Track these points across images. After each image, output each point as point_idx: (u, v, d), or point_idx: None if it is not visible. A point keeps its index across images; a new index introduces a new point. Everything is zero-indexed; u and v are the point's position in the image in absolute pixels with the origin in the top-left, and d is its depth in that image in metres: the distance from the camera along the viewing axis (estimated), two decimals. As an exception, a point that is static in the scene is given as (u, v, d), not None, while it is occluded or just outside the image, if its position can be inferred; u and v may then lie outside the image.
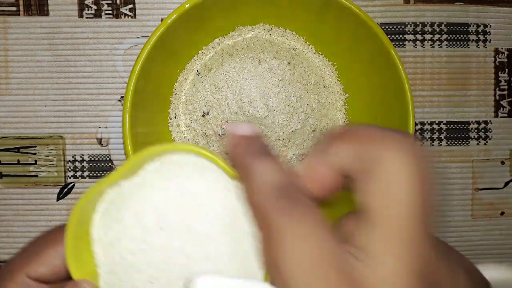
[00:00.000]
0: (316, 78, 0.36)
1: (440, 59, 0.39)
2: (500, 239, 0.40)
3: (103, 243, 0.24)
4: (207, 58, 0.35)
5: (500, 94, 0.40)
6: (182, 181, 0.23)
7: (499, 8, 0.39)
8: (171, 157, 0.24)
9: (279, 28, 0.36)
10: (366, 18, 0.32)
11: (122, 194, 0.24)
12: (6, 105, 0.36)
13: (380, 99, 0.35)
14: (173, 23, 0.30)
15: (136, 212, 0.23)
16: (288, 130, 0.35)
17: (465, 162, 0.40)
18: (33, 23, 0.36)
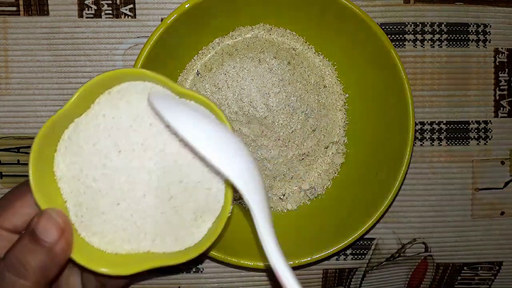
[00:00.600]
0: (316, 78, 0.36)
1: (440, 59, 0.39)
2: (500, 239, 0.40)
3: (67, 178, 0.25)
4: (207, 58, 0.35)
5: (500, 94, 0.40)
6: (131, 106, 0.25)
7: (499, 8, 0.39)
8: (118, 87, 0.26)
9: (279, 28, 0.36)
10: (366, 18, 0.32)
11: (78, 130, 0.25)
12: (6, 105, 0.36)
13: (380, 99, 0.35)
14: (173, 23, 0.30)
15: (94, 142, 0.25)
16: (288, 130, 0.35)
17: (465, 162, 0.40)
18: (33, 23, 0.36)
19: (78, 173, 0.25)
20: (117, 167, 0.25)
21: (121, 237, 0.26)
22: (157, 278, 0.38)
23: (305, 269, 0.39)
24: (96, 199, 0.25)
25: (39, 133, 0.24)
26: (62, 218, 0.24)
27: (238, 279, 0.38)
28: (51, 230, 0.23)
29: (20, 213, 0.26)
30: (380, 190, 0.34)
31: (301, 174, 0.37)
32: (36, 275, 0.23)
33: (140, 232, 0.26)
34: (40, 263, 0.23)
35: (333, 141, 0.37)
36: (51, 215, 0.23)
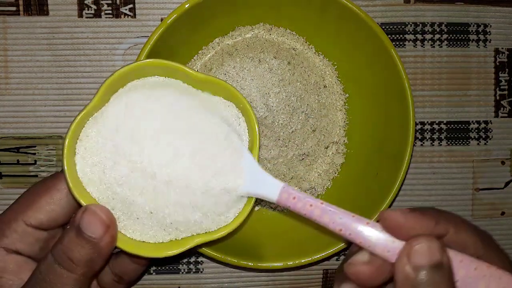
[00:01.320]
0: (316, 78, 0.36)
1: (440, 59, 0.39)
2: (500, 239, 0.40)
3: (93, 182, 0.25)
4: (207, 58, 0.35)
5: (500, 94, 0.40)
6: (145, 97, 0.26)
7: (499, 8, 0.39)
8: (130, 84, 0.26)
9: (279, 28, 0.36)
10: (366, 18, 0.32)
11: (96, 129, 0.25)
12: (6, 105, 0.36)
13: (381, 99, 0.35)
14: (173, 23, 0.30)
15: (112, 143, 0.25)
16: (288, 130, 0.35)
17: (466, 162, 0.40)
18: (32, 23, 0.36)
19: (101, 175, 0.26)
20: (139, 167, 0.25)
21: (162, 235, 0.26)
22: (157, 278, 0.38)
23: (305, 269, 0.39)
24: (127, 205, 0.26)
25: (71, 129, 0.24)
26: (106, 214, 0.24)
27: (238, 279, 0.38)
28: (96, 225, 0.24)
29: (46, 209, 0.26)
30: (380, 190, 0.33)
31: (301, 174, 0.37)
32: (83, 268, 0.24)
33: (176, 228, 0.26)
34: (87, 256, 0.24)
35: (333, 141, 0.37)
36: (96, 211, 0.24)
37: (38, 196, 0.26)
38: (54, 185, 0.26)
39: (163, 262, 0.38)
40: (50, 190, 0.26)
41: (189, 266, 0.38)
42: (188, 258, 0.38)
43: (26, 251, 0.26)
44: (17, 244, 0.26)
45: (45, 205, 0.26)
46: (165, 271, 0.38)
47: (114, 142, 0.25)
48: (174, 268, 0.38)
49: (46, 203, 0.26)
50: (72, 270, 0.24)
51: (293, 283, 0.39)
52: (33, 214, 0.26)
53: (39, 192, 0.26)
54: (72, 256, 0.23)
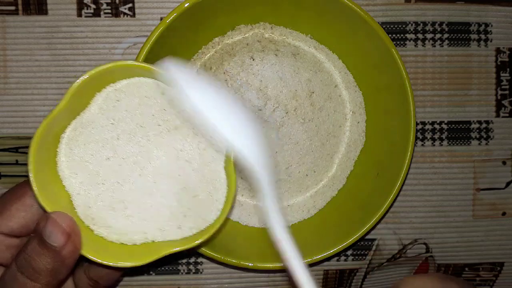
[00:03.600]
0: (316, 78, 0.36)
1: (441, 59, 0.39)
2: (501, 239, 0.40)
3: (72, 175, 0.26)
4: (206, 58, 0.35)
5: (501, 94, 0.39)
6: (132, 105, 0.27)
7: (500, 7, 0.39)
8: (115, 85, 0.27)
9: (279, 26, 0.36)
10: (367, 17, 0.31)
11: (80, 128, 0.26)
12: (5, 105, 0.36)
13: (381, 99, 0.35)
14: (172, 22, 0.30)
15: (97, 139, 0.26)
16: (289, 129, 0.35)
17: (467, 162, 0.39)
18: (31, 22, 0.35)
19: (83, 168, 0.26)
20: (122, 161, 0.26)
21: (131, 229, 0.26)
22: (156, 279, 0.38)
23: (305, 269, 0.39)
24: (104, 194, 0.26)
25: (36, 135, 0.24)
26: (67, 222, 0.24)
27: (237, 279, 0.38)
28: (57, 235, 0.23)
29: (17, 216, 0.26)
30: (381, 191, 0.33)
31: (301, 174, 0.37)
32: (46, 277, 0.23)
33: (148, 222, 0.26)
34: (49, 265, 0.23)
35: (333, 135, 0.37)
36: (56, 220, 0.23)
37: (9, 204, 0.26)
38: (25, 192, 0.26)
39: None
40: (20, 197, 0.26)
41: (188, 267, 0.38)
42: (189, 258, 0.38)
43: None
44: None
45: (15, 212, 0.25)
46: (165, 272, 0.38)
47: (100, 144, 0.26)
48: (173, 269, 0.38)
49: (17, 210, 0.25)
50: (35, 280, 0.23)
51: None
52: (3, 222, 0.25)
53: (10, 199, 0.26)
54: (34, 265, 0.23)
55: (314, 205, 0.37)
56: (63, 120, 0.26)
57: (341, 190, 0.37)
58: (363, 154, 0.37)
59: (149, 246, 0.27)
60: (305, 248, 0.34)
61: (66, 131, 0.26)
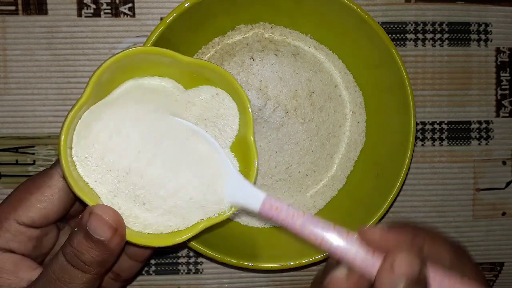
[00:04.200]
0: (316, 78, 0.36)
1: (441, 59, 0.39)
2: (501, 239, 0.40)
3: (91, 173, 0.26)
4: (206, 58, 0.35)
5: (501, 94, 0.39)
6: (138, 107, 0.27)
7: (500, 7, 0.39)
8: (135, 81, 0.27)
9: (279, 26, 0.36)
10: (367, 17, 0.31)
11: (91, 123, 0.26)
12: (5, 105, 0.36)
13: (381, 99, 0.35)
14: (172, 22, 0.30)
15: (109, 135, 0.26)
16: (289, 128, 0.35)
17: (466, 162, 0.39)
18: (31, 22, 0.35)
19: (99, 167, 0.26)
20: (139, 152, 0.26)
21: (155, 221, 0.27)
22: (156, 278, 0.38)
23: (305, 269, 0.39)
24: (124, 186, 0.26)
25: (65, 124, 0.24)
26: (112, 216, 0.24)
27: (237, 279, 0.38)
28: (104, 229, 0.24)
29: (37, 207, 0.26)
30: (381, 191, 0.33)
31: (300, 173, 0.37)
32: (95, 268, 0.24)
33: (174, 213, 0.27)
34: (99, 258, 0.24)
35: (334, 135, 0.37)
36: (102, 216, 0.24)
37: (29, 194, 0.26)
38: (44, 182, 0.26)
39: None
40: (40, 187, 0.26)
41: (188, 267, 0.38)
42: (188, 254, 0.38)
43: (20, 249, 0.26)
44: (11, 243, 0.26)
45: (36, 202, 0.26)
46: (165, 272, 0.38)
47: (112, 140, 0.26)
48: (173, 269, 0.38)
49: (37, 201, 0.26)
50: (86, 271, 0.24)
51: (294, 284, 0.39)
52: (24, 213, 0.26)
53: (30, 190, 0.26)
54: (84, 259, 0.24)
55: (314, 205, 0.37)
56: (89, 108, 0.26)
57: (341, 190, 0.37)
58: (363, 154, 0.37)
59: (174, 235, 0.27)
60: (305, 248, 0.34)
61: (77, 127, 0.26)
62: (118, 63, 0.25)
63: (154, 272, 0.38)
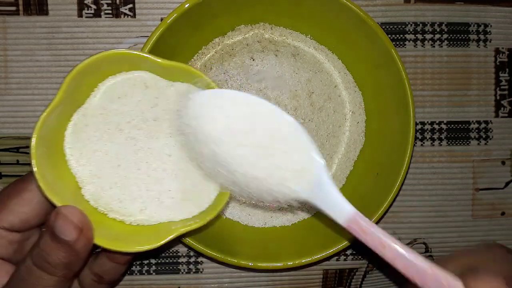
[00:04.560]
0: (316, 78, 0.36)
1: (440, 59, 0.39)
2: (500, 239, 0.40)
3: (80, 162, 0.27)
4: (207, 58, 0.35)
5: (500, 94, 0.40)
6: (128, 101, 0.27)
7: (499, 7, 0.39)
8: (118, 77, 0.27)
9: (279, 27, 0.36)
10: (366, 18, 0.32)
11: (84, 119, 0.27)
12: (5, 105, 0.36)
13: (381, 99, 0.35)
14: (173, 22, 0.30)
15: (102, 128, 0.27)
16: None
17: (466, 162, 0.40)
18: (32, 23, 0.36)
19: (91, 158, 0.27)
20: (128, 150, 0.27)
21: (139, 207, 0.27)
22: (157, 278, 0.38)
23: (305, 269, 0.39)
24: (114, 182, 0.27)
25: (36, 129, 0.24)
26: (77, 216, 0.24)
27: (237, 279, 0.38)
28: (69, 229, 0.23)
29: (17, 211, 0.26)
30: (381, 191, 0.33)
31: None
32: (62, 270, 0.24)
33: (157, 200, 0.27)
34: (64, 259, 0.23)
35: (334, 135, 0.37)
36: (66, 216, 0.23)
37: (9, 199, 0.26)
38: (25, 187, 0.26)
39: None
40: (20, 191, 0.26)
41: (189, 266, 0.38)
42: (188, 254, 0.38)
43: (0, 253, 0.26)
44: None
45: (16, 207, 0.26)
46: (165, 271, 0.38)
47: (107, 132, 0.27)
48: (174, 268, 0.38)
49: (17, 205, 0.26)
50: (51, 273, 0.24)
51: (293, 283, 0.39)
52: (4, 217, 0.25)
53: (10, 194, 0.26)
54: (50, 260, 0.23)
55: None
56: (64, 112, 0.26)
57: (340, 190, 0.37)
58: (363, 154, 0.37)
59: (162, 227, 0.27)
60: (305, 248, 0.34)
61: (71, 122, 0.26)
62: (92, 65, 0.25)
63: (154, 271, 0.38)
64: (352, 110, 0.37)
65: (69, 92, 0.25)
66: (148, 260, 0.38)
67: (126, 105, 0.27)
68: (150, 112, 0.27)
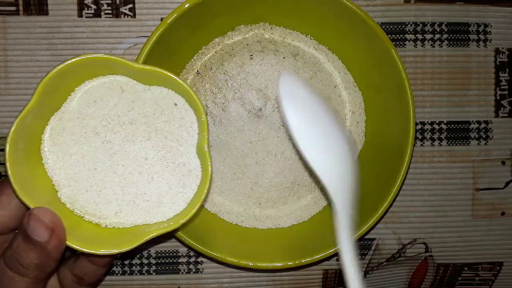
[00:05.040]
0: (316, 77, 0.36)
1: (440, 59, 0.39)
2: (500, 239, 0.40)
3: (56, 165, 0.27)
4: (206, 58, 0.35)
5: (500, 94, 0.40)
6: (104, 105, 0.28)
7: (499, 7, 0.39)
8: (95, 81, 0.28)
9: (279, 27, 0.36)
10: (366, 18, 0.32)
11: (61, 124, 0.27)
12: (5, 105, 0.36)
13: (381, 99, 0.35)
14: (173, 22, 0.30)
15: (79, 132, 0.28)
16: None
17: (466, 162, 0.40)
18: (32, 23, 0.36)
19: (68, 161, 0.27)
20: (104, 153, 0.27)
21: (115, 210, 0.27)
22: (156, 278, 0.38)
23: (305, 269, 0.39)
24: (90, 185, 0.27)
25: (11, 133, 0.24)
26: (49, 217, 0.24)
27: (238, 279, 0.38)
28: (41, 230, 0.23)
29: None
30: (381, 190, 0.33)
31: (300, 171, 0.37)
32: (34, 271, 0.24)
33: (132, 203, 0.28)
34: (36, 260, 0.23)
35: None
36: (38, 216, 0.24)
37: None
38: (2, 190, 0.26)
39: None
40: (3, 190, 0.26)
41: (189, 266, 0.38)
42: (188, 254, 0.38)
43: None
44: None
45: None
46: (165, 271, 0.38)
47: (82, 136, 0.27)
48: (174, 268, 0.38)
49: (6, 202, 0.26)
50: (23, 274, 0.24)
51: (293, 283, 0.39)
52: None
53: None
54: (21, 260, 0.23)
55: (314, 205, 0.37)
56: (42, 115, 0.26)
57: (340, 190, 0.37)
58: (363, 154, 0.37)
59: (137, 230, 0.27)
60: (305, 248, 0.34)
61: (48, 125, 0.27)
62: (70, 69, 0.26)
63: (154, 271, 0.38)
64: (352, 110, 0.37)
65: (46, 96, 0.25)
66: (148, 260, 0.38)
67: (102, 109, 0.27)
68: (126, 115, 0.28)
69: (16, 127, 0.24)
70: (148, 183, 0.28)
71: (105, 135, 0.27)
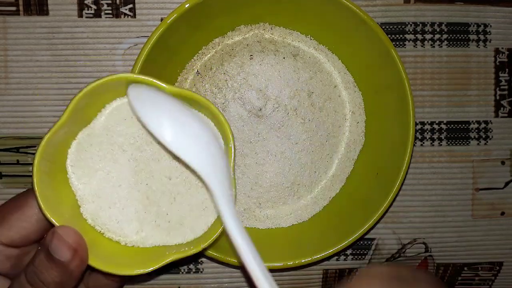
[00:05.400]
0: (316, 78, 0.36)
1: (440, 59, 0.39)
2: (500, 239, 0.40)
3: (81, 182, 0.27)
4: (207, 58, 0.35)
5: (500, 94, 0.40)
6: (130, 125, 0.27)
7: (499, 7, 0.39)
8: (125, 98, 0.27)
9: (279, 27, 0.36)
10: (366, 18, 0.32)
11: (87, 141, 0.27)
12: (6, 105, 0.36)
13: (380, 99, 0.35)
14: (173, 23, 0.30)
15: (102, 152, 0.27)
16: (289, 130, 0.35)
17: (466, 162, 0.40)
18: (32, 23, 0.36)
19: (93, 177, 0.27)
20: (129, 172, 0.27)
21: (136, 229, 0.27)
22: (157, 278, 0.38)
23: (305, 269, 0.39)
24: (113, 203, 0.27)
25: (39, 148, 0.24)
26: (73, 237, 0.24)
27: (238, 279, 0.38)
28: (64, 250, 0.23)
29: (17, 226, 0.26)
30: (381, 190, 0.33)
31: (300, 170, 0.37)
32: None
33: (153, 223, 0.27)
34: (57, 279, 0.24)
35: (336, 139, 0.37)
36: (62, 236, 0.24)
37: (9, 214, 0.26)
38: (25, 202, 0.26)
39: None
40: (21, 207, 0.26)
41: (189, 266, 0.38)
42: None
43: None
44: None
45: (16, 222, 0.26)
46: (165, 271, 0.38)
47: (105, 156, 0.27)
48: (174, 268, 0.38)
49: (17, 220, 0.26)
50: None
51: (293, 283, 0.39)
52: (3, 232, 0.25)
53: (10, 210, 0.26)
54: (43, 278, 0.23)
55: (314, 205, 0.37)
56: (69, 131, 0.26)
57: (340, 190, 0.37)
58: (363, 154, 0.37)
59: (157, 250, 0.27)
60: (305, 248, 0.34)
61: (75, 140, 0.27)
62: (101, 87, 0.25)
63: (154, 271, 0.38)
64: (352, 110, 0.37)
65: (75, 112, 0.25)
66: (148, 260, 0.38)
67: (131, 127, 0.27)
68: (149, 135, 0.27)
69: (44, 143, 0.24)
70: (170, 204, 0.27)
71: (131, 153, 0.27)
